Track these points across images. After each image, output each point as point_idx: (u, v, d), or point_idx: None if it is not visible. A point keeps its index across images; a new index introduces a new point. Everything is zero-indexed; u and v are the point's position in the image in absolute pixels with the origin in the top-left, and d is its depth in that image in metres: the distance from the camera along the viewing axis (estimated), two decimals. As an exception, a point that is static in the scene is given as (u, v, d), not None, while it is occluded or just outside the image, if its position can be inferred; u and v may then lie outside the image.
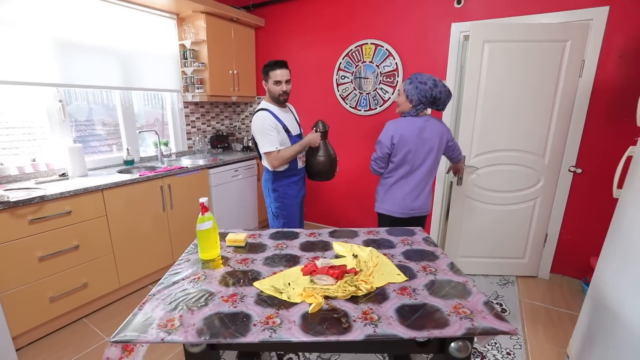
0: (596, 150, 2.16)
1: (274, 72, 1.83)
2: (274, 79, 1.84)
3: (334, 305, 0.97)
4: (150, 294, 1.04)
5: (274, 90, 1.86)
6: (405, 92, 1.71)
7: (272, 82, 1.85)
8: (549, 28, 2.00)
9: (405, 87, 1.70)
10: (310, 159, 1.98)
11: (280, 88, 1.85)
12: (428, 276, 1.15)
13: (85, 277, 1.96)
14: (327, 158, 1.95)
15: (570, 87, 2.10)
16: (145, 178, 2.20)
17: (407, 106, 1.71)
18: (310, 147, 1.94)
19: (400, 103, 1.75)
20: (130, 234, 2.17)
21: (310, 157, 1.98)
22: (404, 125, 1.70)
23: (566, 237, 2.37)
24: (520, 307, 2.15)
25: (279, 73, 1.83)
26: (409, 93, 1.69)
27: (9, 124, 2.04)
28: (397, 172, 1.78)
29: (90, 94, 2.40)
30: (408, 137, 1.69)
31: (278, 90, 1.85)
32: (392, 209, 1.81)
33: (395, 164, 1.77)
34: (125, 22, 2.50)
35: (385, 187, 1.83)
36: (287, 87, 1.87)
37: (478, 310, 0.96)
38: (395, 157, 1.74)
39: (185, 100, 3.04)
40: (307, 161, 2.01)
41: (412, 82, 1.67)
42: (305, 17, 3.00)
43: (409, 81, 1.69)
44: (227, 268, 1.21)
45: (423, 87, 1.65)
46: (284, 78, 1.85)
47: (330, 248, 1.37)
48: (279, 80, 1.84)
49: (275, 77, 1.83)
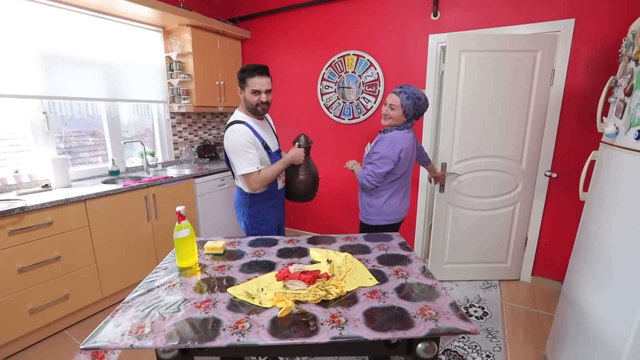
0: (569, 155, 2.24)
1: (252, 79, 1.57)
2: (251, 87, 1.57)
3: (303, 309, 1.00)
4: (124, 302, 1.06)
5: (251, 100, 1.59)
6: (402, 107, 1.67)
7: (249, 91, 1.58)
8: (521, 39, 2.10)
9: (403, 102, 1.66)
10: (290, 178, 1.77)
11: (258, 98, 1.59)
12: (399, 280, 1.18)
13: (67, 289, 1.95)
14: (310, 176, 1.76)
15: (542, 95, 2.18)
16: (129, 188, 2.21)
17: (401, 120, 1.71)
18: (292, 164, 1.73)
19: (394, 117, 1.70)
20: (114, 244, 2.17)
21: (291, 175, 1.77)
22: (406, 137, 1.71)
23: (545, 239, 2.43)
24: (502, 310, 2.19)
25: (258, 81, 1.57)
26: (406, 108, 1.67)
27: (-9, 136, 2.05)
28: (396, 183, 1.78)
29: (75, 105, 2.42)
30: (409, 150, 1.74)
31: (256, 100, 1.59)
32: (392, 217, 1.82)
33: (396, 176, 1.76)
34: (110, 34, 2.55)
35: (382, 199, 1.79)
36: (267, 97, 1.61)
37: (444, 311, 0.99)
38: (398, 170, 1.74)
39: (172, 111, 3.07)
40: (286, 180, 1.80)
41: (410, 98, 1.66)
42: (290, 29, 3.08)
43: (405, 96, 1.66)
44: (203, 275, 1.23)
45: (419, 102, 1.69)
46: (264, 87, 1.58)
47: (307, 254, 1.40)
48: (257, 89, 1.57)
49: (254, 85, 1.57)
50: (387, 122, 1.75)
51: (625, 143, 1.22)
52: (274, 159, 1.72)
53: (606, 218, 1.31)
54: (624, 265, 1.16)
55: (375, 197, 1.80)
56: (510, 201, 2.39)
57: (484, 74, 2.16)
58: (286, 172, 1.77)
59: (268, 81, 1.61)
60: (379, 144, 1.72)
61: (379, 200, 1.79)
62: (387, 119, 1.74)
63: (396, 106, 1.69)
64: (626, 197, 1.18)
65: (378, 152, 1.70)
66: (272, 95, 1.66)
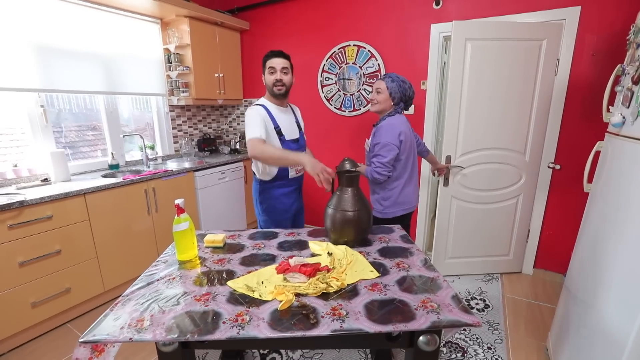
0: (573, 146, 2.21)
1: (269, 60, 1.68)
2: (268, 66, 1.67)
3: (304, 302, 0.99)
4: (124, 295, 1.05)
5: (268, 81, 1.68)
6: (388, 89, 1.69)
7: (267, 72, 1.69)
8: (527, 27, 2.05)
9: (388, 84, 1.68)
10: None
11: (274, 77, 1.66)
12: (401, 272, 1.17)
13: (68, 282, 1.95)
14: (339, 214, 1.34)
15: (546, 85, 2.14)
16: (129, 182, 2.20)
17: (388, 104, 1.72)
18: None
19: (380, 101, 1.72)
20: (114, 237, 2.17)
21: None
22: (400, 121, 1.71)
23: (548, 232, 2.41)
24: (503, 302, 2.18)
25: (275, 61, 1.66)
26: (392, 91, 1.68)
27: (-11, 130, 2.03)
28: (405, 170, 1.76)
29: (73, 98, 2.40)
30: (407, 133, 1.72)
31: (272, 80, 1.66)
32: (408, 206, 1.82)
33: (403, 162, 1.73)
34: (108, 26, 2.51)
35: (397, 189, 1.75)
36: (283, 76, 1.66)
37: (445, 304, 0.98)
38: (402, 154, 1.71)
39: (171, 104, 3.05)
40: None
41: (395, 81, 1.68)
42: (290, 20, 3.03)
43: (389, 79, 1.68)
44: (203, 268, 1.22)
45: (404, 85, 1.69)
46: (279, 66, 1.66)
47: (307, 248, 1.39)
48: (272, 66, 1.66)
49: (270, 64, 1.66)
50: (374, 107, 1.75)
51: (632, 133, 1.19)
52: (287, 146, 1.72)
53: (610, 210, 1.29)
54: (628, 258, 1.14)
55: (389, 190, 1.77)
56: (513, 194, 2.37)
57: (489, 64, 2.11)
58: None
59: (284, 61, 1.67)
60: (377, 135, 1.71)
61: (393, 192, 1.77)
62: (374, 105, 1.75)
63: (382, 89, 1.70)
64: (632, 188, 1.16)
65: (379, 141, 1.68)
66: (290, 79, 1.71)
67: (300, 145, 1.81)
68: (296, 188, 1.85)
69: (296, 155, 1.53)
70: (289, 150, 1.67)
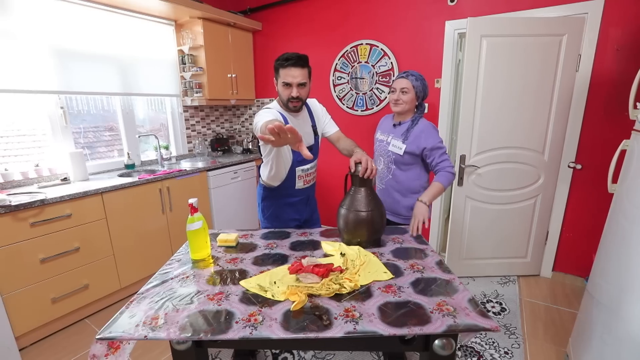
0: (595, 145, 2.12)
1: (283, 70, 1.40)
2: (282, 79, 1.41)
3: (317, 303, 0.98)
4: (139, 293, 1.06)
5: (282, 94, 1.44)
6: (415, 88, 1.57)
7: (280, 83, 1.42)
8: (546, 22, 1.98)
9: (414, 83, 1.57)
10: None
11: (289, 93, 1.41)
12: (415, 274, 1.15)
13: (87, 279, 2.00)
14: (352, 215, 1.32)
15: (567, 82, 2.07)
16: (145, 181, 2.24)
17: (413, 104, 1.62)
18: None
19: (407, 101, 1.59)
20: (131, 236, 2.22)
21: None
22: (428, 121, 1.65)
23: (568, 234, 2.33)
24: (521, 306, 2.12)
25: (290, 73, 1.38)
26: (417, 90, 1.58)
27: (13, 131, 2.10)
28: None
29: (91, 100, 2.46)
30: None
31: (286, 95, 1.42)
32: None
33: None
34: (124, 29, 2.56)
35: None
36: (298, 91, 1.41)
37: (462, 307, 0.95)
38: None
39: (185, 105, 3.09)
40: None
41: (418, 79, 1.58)
42: (302, 19, 3.03)
43: (414, 78, 1.58)
44: (216, 267, 1.23)
45: (425, 84, 1.61)
46: (296, 80, 1.39)
47: (320, 247, 1.38)
48: (288, 82, 1.40)
49: (285, 77, 1.40)
50: (399, 108, 1.62)
51: (661, 131, 1.13)
52: (296, 156, 1.53)
53: (638, 211, 1.23)
54: (657, 261, 1.09)
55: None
56: (531, 194, 2.30)
57: (506, 61, 2.06)
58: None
59: (302, 73, 1.40)
60: (429, 138, 1.57)
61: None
62: (398, 105, 1.61)
63: (409, 89, 1.58)
64: (661, 188, 1.10)
65: (439, 147, 1.57)
66: (308, 89, 1.46)
67: (312, 153, 1.56)
68: (303, 199, 1.67)
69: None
70: (300, 160, 1.54)
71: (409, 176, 1.68)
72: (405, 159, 1.64)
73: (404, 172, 1.68)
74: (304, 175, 1.61)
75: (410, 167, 1.67)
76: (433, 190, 1.53)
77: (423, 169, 1.68)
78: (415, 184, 1.68)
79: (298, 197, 1.65)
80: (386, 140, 1.72)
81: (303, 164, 1.59)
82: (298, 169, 1.59)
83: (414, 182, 1.68)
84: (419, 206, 1.50)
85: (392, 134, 1.70)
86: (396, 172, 1.69)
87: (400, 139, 1.65)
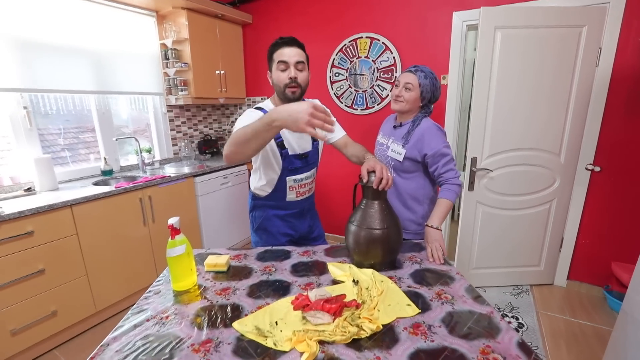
0: (615, 146, 1.98)
1: (278, 51, 1.21)
2: (278, 59, 1.21)
3: (331, 354, 0.77)
4: (103, 344, 0.84)
5: (279, 79, 1.22)
6: (420, 86, 1.37)
7: (275, 68, 1.22)
8: (565, 12, 1.81)
9: (421, 81, 1.37)
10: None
11: (287, 74, 1.20)
12: (444, 306, 0.95)
13: (54, 304, 1.75)
14: (365, 232, 1.12)
15: (586, 77, 1.91)
16: (122, 190, 1.99)
17: (416, 105, 1.42)
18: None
19: (409, 100, 1.39)
20: (107, 252, 1.96)
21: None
22: (433, 122, 1.43)
23: (584, 240, 2.18)
24: (539, 321, 1.96)
25: (287, 52, 1.20)
26: (424, 89, 1.38)
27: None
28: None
29: (61, 99, 2.19)
30: None
31: (283, 78, 1.21)
32: None
33: None
34: (98, 20, 2.30)
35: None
36: (298, 73, 1.21)
37: (512, 355, 0.76)
38: None
39: (169, 104, 2.83)
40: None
41: (428, 77, 1.38)
42: (296, 11, 2.81)
43: (422, 74, 1.38)
44: (203, 302, 1.01)
45: (436, 84, 1.40)
46: (293, 59, 1.20)
47: (327, 271, 1.17)
48: (284, 60, 1.20)
49: (281, 56, 1.20)
50: (398, 105, 1.41)
51: None
52: (289, 163, 1.31)
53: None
54: None
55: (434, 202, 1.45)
56: (546, 198, 2.14)
57: (521, 55, 1.89)
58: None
59: (298, 52, 1.21)
60: (426, 143, 1.35)
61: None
62: (398, 102, 1.40)
63: (413, 86, 1.37)
64: None
65: (443, 153, 1.35)
66: (307, 77, 1.26)
67: (309, 163, 1.36)
68: (296, 212, 1.43)
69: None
70: (295, 167, 1.29)
71: (411, 185, 1.45)
72: (406, 165, 1.42)
73: (406, 180, 1.46)
74: (297, 187, 1.37)
75: (412, 175, 1.45)
76: (441, 210, 1.32)
77: (427, 177, 1.45)
78: (419, 194, 1.46)
79: (290, 210, 1.42)
80: (386, 144, 1.51)
81: (295, 173, 1.34)
82: (289, 179, 1.35)
83: (417, 192, 1.46)
84: (430, 232, 1.29)
85: (393, 136, 1.48)
86: (397, 180, 1.47)
87: (400, 142, 1.43)
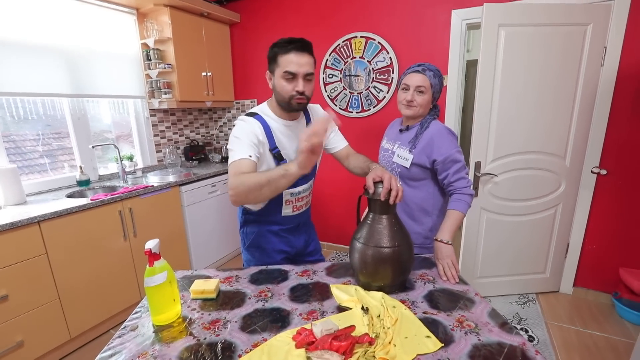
0: (622, 147, 1.91)
1: (285, 56, 1.07)
2: (285, 68, 1.06)
3: (345, 409, 0.64)
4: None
5: (283, 88, 1.08)
6: (432, 87, 1.26)
7: (280, 74, 1.08)
8: (569, 9, 1.74)
9: (432, 81, 1.25)
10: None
11: (293, 86, 1.07)
12: (469, 337, 0.83)
13: (20, 334, 1.55)
14: (372, 251, 0.99)
15: (591, 77, 1.84)
16: (99, 203, 1.81)
17: (428, 107, 1.30)
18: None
19: (423, 103, 1.26)
20: (82, 272, 1.78)
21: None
22: (443, 125, 1.32)
23: (591, 246, 2.11)
24: (549, 332, 1.87)
25: (295, 60, 1.05)
26: (435, 90, 1.27)
27: None
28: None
29: (30, 103, 2.00)
30: None
31: (289, 89, 1.07)
32: None
33: None
34: (72, 17, 2.12)
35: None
36: (304, 85, 1.08)
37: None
38: None
39: (152, 108, 2.66)
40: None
41: (436, 75, 1.26)
42: (286, 10, 2.68)
43: (432, 74, 1.25)
44: (188, 339, 0.86)
45: (442, 81, 1.30)
46: (302, 70, 1.06)
47: (330, 295, 1.03)
48: (292, 72, 1.06)
49: (288, 65, 1.06)
50: (411, 111, 1.28)
51: None
52: None
53: None
54: None
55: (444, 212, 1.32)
56: (551, 203, 2.06)
57: (527, 54, 1.80)
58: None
59: (309, 62, 1.08)
60: (436, 147, 1.24)
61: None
62: (412, 108, 1.27)
63: (426, 88, 1.24)
64: None
65: (454, 159, 1.23)
66: (313, 87, 1.13)
67: (307, 174, 1.05)
68: (292, 228, 1.31)
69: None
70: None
71: (419, 195, 1.33)
72: (413, 172, 1.30)
73: (414, 189, 1.33)
74: (294, 200, 1.25)
75: (421, 184, 1.32)
76: (451, 222, 1.19)
77: (437, 185, 1.33)
78: (428, 204, 1.34)
79: (286, 226, 1.30)
80: (391, 150, 1.38)
81: (293, 186, 1.16)
82: (286, 192, 1.21)
83: (426, 202, 1.34)
84: (441, 248, 1.16)
85: (399, 141, 1.36)
86: (404, 189, 1.34)
87: (406, 147, 1.31)
